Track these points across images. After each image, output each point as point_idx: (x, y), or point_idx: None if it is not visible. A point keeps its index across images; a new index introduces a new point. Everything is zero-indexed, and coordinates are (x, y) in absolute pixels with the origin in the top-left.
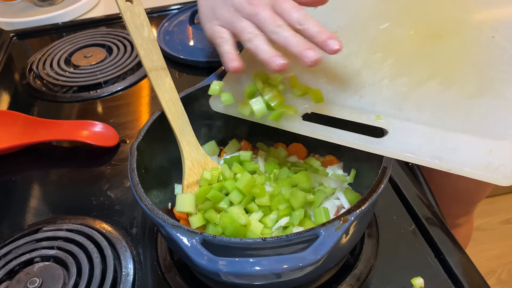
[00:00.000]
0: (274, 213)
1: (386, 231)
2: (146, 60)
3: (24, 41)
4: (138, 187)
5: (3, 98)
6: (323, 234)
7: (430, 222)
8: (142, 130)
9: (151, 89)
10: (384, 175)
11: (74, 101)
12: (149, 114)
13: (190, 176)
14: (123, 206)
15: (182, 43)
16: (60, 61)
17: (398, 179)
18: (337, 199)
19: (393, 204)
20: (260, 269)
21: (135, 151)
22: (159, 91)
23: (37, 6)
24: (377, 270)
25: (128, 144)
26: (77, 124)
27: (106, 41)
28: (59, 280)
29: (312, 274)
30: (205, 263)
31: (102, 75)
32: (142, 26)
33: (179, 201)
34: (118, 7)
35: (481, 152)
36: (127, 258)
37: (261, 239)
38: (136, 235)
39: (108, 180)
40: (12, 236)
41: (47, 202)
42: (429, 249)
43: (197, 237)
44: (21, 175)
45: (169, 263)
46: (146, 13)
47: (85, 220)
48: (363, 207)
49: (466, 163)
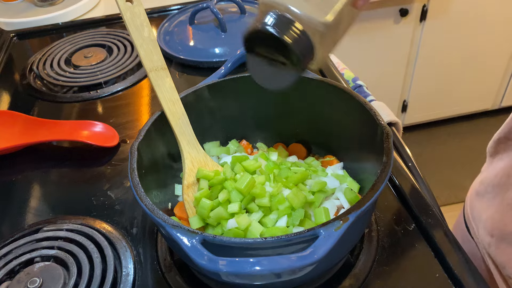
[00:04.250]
0: (274, 213)
1: (386, 231)
2: (146, 60)
3: (24, 41)
4: (138, 187)
5: (3, 98)
6: (323, 234)
7: (430, 222)
8: (142, 130)
9: (151, 89)
10: (384, 175)
11: (74, 101)
12: (149, 114)
13: (190, 176)
14: (123, 206)
15: (182, 43)
16: (60, 61)
17: (398, 179)
18: (337, 199)
19: (393, 204)
20: (260, 269)
21: (135, 151)
22: (159, 91)
23: (38, 6)
24: (377, 270)
25: (128, 144)
26: (77, 124)
27: (106, 41)
28: (59, 280)
29: (312, 274)
30: (205, 263)
31: (102, 75)
32: (142, 26)
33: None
34: (118, 7)
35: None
36: (127, 258)
37: (261, 239)
38: (136, 235)
39: (108, 180)
40: (12, 236)
41: (47, 202)
42: (429, 249)
43: (197, 237)
44: (21, 175)
45: (169, 263)
46: (146, 13)
47: (85, 220)
48: (363, 207)
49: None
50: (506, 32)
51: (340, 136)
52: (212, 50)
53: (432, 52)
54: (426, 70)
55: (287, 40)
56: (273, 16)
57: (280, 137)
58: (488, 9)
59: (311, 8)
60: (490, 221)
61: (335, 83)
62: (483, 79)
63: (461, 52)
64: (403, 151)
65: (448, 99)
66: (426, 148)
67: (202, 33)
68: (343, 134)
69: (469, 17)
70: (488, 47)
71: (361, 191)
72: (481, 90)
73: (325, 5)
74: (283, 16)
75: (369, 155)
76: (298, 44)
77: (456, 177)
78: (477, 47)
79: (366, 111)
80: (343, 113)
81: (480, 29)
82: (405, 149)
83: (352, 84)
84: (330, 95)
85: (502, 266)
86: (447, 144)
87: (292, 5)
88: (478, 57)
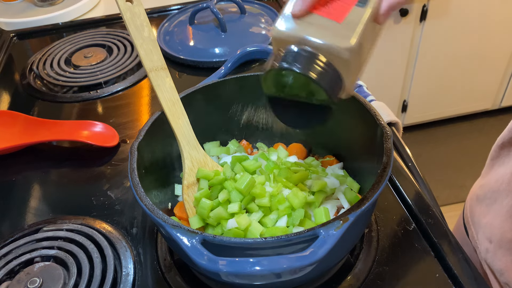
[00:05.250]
0: (274, 213)
1: (386, 231)
2: (146, 61)
3: (24, 41)
4: (138, 187)
5: (3, 98)
6: (323, 234)
7: (430, 222)
8: (142, 130)
9: (151, 89)
10: (384, 175)
11: (74, 101)
12: (149, 114)
13: (190, 176)
14: (123, 206)
15: (182, 43)
16: (60, 61)
17: (398, 179)
18: (337, 199)
19: (393, 204)
20: (260, 269)
21: (135, 151)
22: (159, 91)
23: (37, 6)
24: (377, 270)
25: (128, 144)
26: (77, 124)
27: (106, 41)
28: (59, 280)
29: (312, 274)
30: (205, 263)
31: (102, 75)
32: (142, 26)
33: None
34: (118, 7)
35: None
36: (127, 258)
37: (261, 239)
38: (136, 235)
39: (108, 180)
40: (12, 236)
41: (47, 202)
42: (429, 249)
43: (197, 237)
44: (21, 175)
45: (169, 263)
46: (146, 13)
47: (85, 220)
48: (363, 207)
49: None
50: (506, 32)
51: (340, 136)
52: (212, 50)
53: (432, 52)
54: (426, 70)
55: (312, 76)
56: (291, 51)
57: (280, 137)
58: (488, 9)
59: (331, 35)
60: (489, 227)
61: None
62: (483, 79)
63: (461, 52)
64: (403, 151)
65: (448, 99)
66: (426, 148)
67: (202, 33)
68: (343, 134)
69: (469, 17)
70: (488, 47)
71: (361, 191)
72: (481, 90)
73: (346, 29)
74: (302, 50)
75: (369, 155)
76: (325, 78)
77: (456, 177)
78: (477, 47)
79: (366, 111)
80: (343, 113)
81: (480, 29)
82: (405, 149)
83: None
84: None
85: (500, 273)
86: (447, 144)
87: (310, 35)
88: (478, 57)
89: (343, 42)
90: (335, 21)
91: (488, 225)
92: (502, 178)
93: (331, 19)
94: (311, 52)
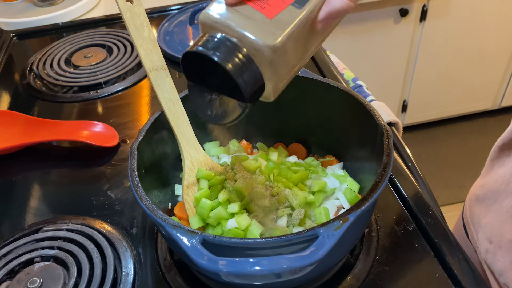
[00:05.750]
0: (274, 213)
1: (386, 231)
2: (146, 61)
3: (24, 41)
4: (138, 187)
5: (3, 98)
6: (323, 234)
7: (430, 222)
8: (142, 130)
9: (151, 89)
10: (384, 175)
11: (74, 101)
12: (149, 114)
13: (190, 176)
14: (123, 206)
15: (182, 43)
16: (60, 61)
17: (398, 179)
18: (337, 199)
19: (393, 204)
20: (260, 269)
21: (135, 151)
22: (159, 91)
23: (37, 6)
24: (377, 270)
25: (128, 144)
26: (77, 124)
27: (106, 41)
28: (59, 280)
29: (312, 274)
30: (205, 263)
31: (102, 75)
32: (142, 26)
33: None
34: (118, 7)
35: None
36: (127, 258)
37: (261, 239)
38: (136, 235)
39: (108, 180)
40: (12, 236)
41: (47, 202)
42: (429, 249)
43: (197, 237)
44: (21, 175)
45: (169, 263)
46: (146, 13)
47: (85, 220)
48: (363, 207)
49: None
50: (506, 32)
51: (340, 136)
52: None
53: (432, 52)
54: (426, 70)
55: (228, 67)
56: (213, 38)
57: (280, 137)
58: (488, 9)
59: (257, 30)
60: (489, 227)
61: (335, 83)
62: (483, 79)
63: (461, 52)
64: (403, 151)
65: (448, 99)
66: (426, 148)
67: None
68: (343, 134)
69: (469, 17)
70: (488, 47)
71: (361, 191)
72: (481, 90)
73: (275, 26)
74: (225, 39)
75: (369, 155)
76: (241, 72)
77: (456, 177)
78: (477, 47)
79: (366, 111)
80: (343, 113)
81: (480, 29)
82: (405, 149)
83: (352, 84)
84: (330, 95)
85: (499, 274)
86: (447, 144)
87: (237, 25)
88: (478, 57)
89: (267, 39)
90: (266, 16)
91: (487, 225)
92: (502, 179)
93: (262, 13)
94: (233, 43)
